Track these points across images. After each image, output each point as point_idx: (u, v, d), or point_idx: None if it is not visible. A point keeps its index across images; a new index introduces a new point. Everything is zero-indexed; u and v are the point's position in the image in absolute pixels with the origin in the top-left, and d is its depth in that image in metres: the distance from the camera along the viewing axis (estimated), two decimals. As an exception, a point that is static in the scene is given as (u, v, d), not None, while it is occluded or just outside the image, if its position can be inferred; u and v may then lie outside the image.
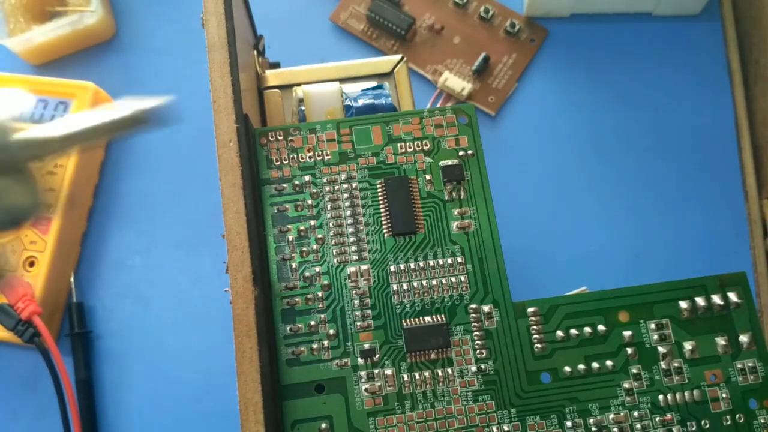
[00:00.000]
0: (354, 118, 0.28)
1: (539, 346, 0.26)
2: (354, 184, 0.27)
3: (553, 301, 0.26)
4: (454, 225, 0.27)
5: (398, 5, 0.44)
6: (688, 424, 0.25)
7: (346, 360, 0.25)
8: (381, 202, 0.27)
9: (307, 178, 0.27)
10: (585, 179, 0.41)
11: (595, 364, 0.25)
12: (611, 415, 0.25)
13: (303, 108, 0.31)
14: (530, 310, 0.26)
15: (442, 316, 0.26)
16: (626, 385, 0.25)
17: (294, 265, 0.26)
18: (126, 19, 0.45)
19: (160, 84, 0.42)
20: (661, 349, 0.26)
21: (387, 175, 0.27)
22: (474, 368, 0.25)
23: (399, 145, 0.28)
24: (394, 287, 0.26)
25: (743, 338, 0.26)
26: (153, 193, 0.41)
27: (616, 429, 0.25)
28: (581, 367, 0.25)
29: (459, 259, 0.26)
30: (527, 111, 0.43)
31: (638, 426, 0.25)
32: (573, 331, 0.26)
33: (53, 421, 0.35)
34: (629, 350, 0.26)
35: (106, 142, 0.23)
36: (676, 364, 0.25)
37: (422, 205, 0.27)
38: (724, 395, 0.25)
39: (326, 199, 0.27)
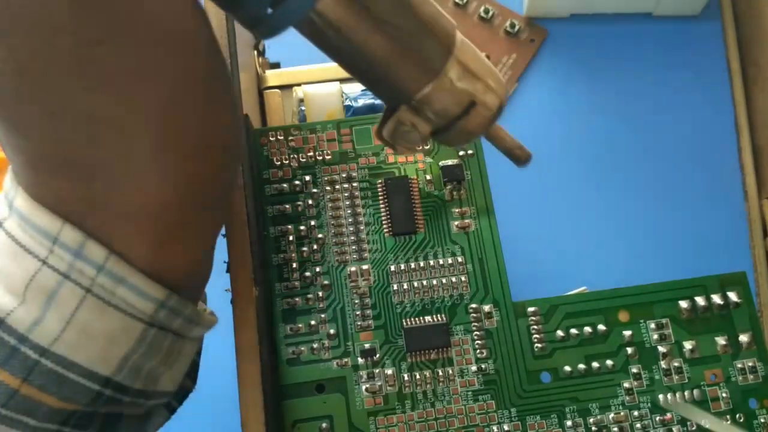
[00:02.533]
0: (354, 117, 0.28)
1: (539, 345, 0.26)
2: (354, 184, 0.27)
3: (553, 300, 0.26)
4: (455, 225, 0.27)
5: (398, 5, 0.44)
6: (688, 423, 0.25)
7: (346, 360, 0.25)
8: (381, 202, 0.27)
9: (307, 178, 0.27)
10: (585, 179, 0.41)
11: (595, 364, 0.25)
12: (611, 415, 0.25)
13: (303, 108, 0.31)
14: (530, 309, 0.26)
15: (443, 315, 0.26)
16: (626, 385, 0.25)
17: (294, 265, 0.26)
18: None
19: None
20: (661, 349, 0.26)
21: (387, 175, 0.27)
22: (474, 368, 0.25)
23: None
24: (395, 287, 0.26)
25: (743, 338, 0.26)
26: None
27: (616, 429, 0.25)
28: (581, 366, 0.25)
29: (459, 259, 0.26)
30: (527, 111, 0.43)
31: (638, 425, 0.25)
32: (573, 331, 0.26)
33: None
34: (629, 350, 0.26)
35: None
36: (676, 364, 0.25)
37: (422, 205, 0.27)
38: (724, 395, 0.25)
39: (326, 199, 0.27)
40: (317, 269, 0.26)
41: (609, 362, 0.25)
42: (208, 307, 0.24)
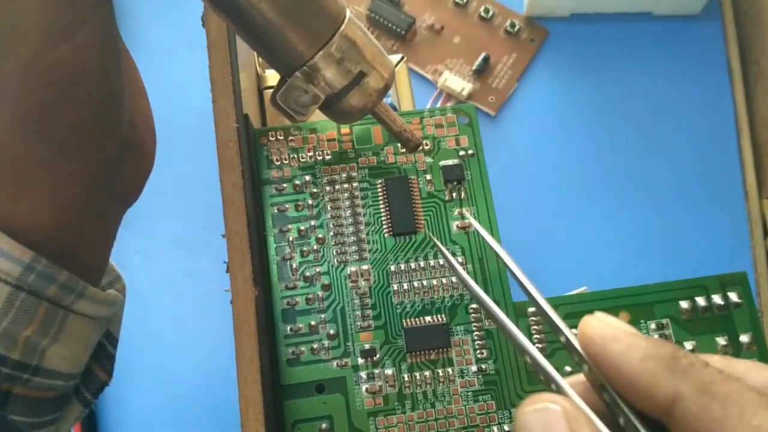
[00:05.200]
0: (354, 117, 0.28)
1: (540, 346, 0.25)
2: (354, 184, 0.27)
3: (554, 301, 0.26)
4: (455, 225, 0.27)
5: (398, 5, 0.44)
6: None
7: (346, 360, 0.25)
8: (381, 202, 0.27)
9: (307, 177, 0.27)
10: (585, 179, 0.41)
11: (595, 364, 0.25)
12: (612, 415, 0.25)
13: (303, 108, 0.31)
14: (531, 310, 0.26)
15: (443, 316, 0.26)
16: (627, 385, 0.25)
17: (294, 265, 0.26)
18: (126, 18, 0.45)
19: (159, 83, 0.42)
20: (661, 349, 0.25)
21: (387, 175, 0.27)
22: (474, 368, 0.25)
23: (399, 144, 0.28)
24: (395, 287, 0.26)
25: (744, 338, 0.26)
26: (153, 193, 0.41)
27: (616, 429, 0.25)
28: (582, 367, 0.25)
29: (459, 259, 0.26)
30: (527, 111, 0.43)
31: (639, 426, 0.25)
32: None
33: (53, 421, 0.35)
34: (630, 350, 0.25)
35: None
36: (676, 364, 0.25)
37: (422, 205, 0.27)
38: (724, 395, 0.25)
39: (326, 198, 0.27)
40: (317, 269, 0.26)
41: (609, 362, 0.25)
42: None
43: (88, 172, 0.18)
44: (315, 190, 0.27)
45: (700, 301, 0.26)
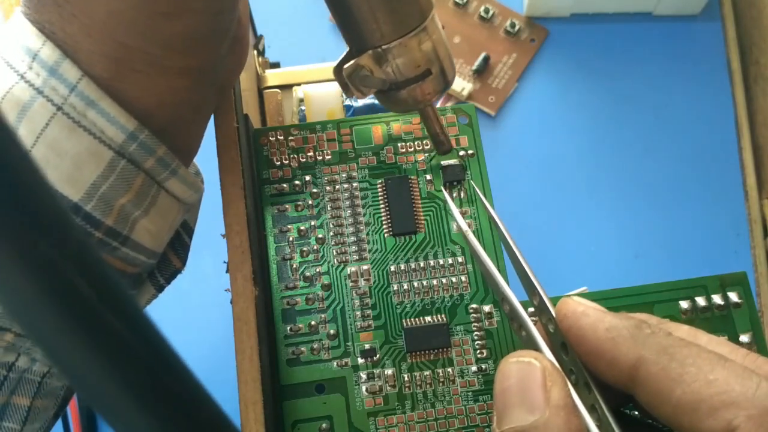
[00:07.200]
0: (354, 117, 0.28)
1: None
2: (354, 184, 0.27)
3: (554, 301, 0.26)
4: (455, 225, 0.27)
5: (398, 5, 0.44)
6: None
7: (346, 360, 0.25)
8: (381, 201, 0.27)
9: (307, 178, 0.27)
10: (585, 179, 0.41)
11: (595, 364, 0.25)
12: (612, 415, 0.25)
13: (303, 108, 0.31)
14: (530, 310, 0.26)
15: (443, 316, 0.26)
16: (627, 385, 0.25)
17: (294, 265, 0.26)
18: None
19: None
20: (661, 349, 0.25)
21: (387, 174, 0.27)
22: (474, 368, 0.25)
23: (399, 144, 0.28)
24: (395, 287, 0.26)
25: (744, 338, 0.26)
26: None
27: (616, 429, 0.25)
28: (582, 367, 0.25)
29: (459, 259, 0.26)
30: (527, 111, 0.43)
31: (639, 426, 0.25)
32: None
33: (53, 421, 0.35)
34: (630, 350, 0.25)
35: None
36: (676, 364, 0.25)
37: (422, 205, 0.27)
38: (724, 395, 0.25)
39: (326, 199, 0.27)
40: (317, 269, 0.26)
41: (609, 362, 0.25)
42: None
43: (195, 69, 0.20)
44: (315, 190, 0.27)
45: (700, 301, 0.26)
